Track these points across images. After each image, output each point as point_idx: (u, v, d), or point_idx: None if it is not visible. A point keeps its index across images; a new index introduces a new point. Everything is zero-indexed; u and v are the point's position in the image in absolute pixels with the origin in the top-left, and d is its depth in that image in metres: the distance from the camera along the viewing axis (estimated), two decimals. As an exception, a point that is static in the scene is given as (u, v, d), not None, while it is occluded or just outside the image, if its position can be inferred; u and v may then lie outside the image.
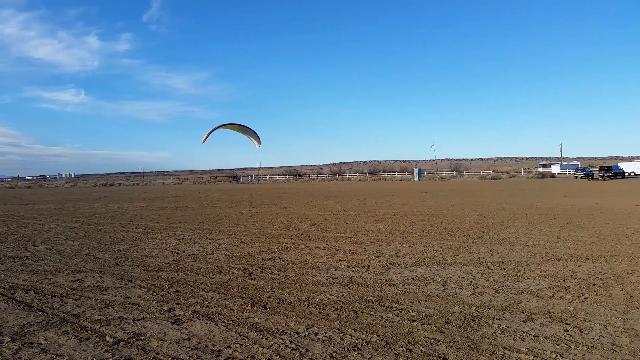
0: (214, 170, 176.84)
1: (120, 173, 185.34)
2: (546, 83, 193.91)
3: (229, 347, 4.44)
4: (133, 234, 13.24)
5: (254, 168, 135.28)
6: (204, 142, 30.95)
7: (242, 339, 4.62)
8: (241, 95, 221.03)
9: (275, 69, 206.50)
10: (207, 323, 5.14)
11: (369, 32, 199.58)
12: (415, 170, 77.53)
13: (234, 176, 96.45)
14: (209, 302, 5.95)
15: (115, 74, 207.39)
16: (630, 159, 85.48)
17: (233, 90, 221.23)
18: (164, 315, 5.47)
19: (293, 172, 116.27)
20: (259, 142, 32.41)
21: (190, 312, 5.57)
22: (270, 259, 8.93)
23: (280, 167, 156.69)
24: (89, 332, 4.96)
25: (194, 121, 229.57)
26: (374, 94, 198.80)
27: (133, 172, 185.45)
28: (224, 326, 5.01)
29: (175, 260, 8.96)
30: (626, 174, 61.46)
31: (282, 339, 4.59)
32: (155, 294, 6.50)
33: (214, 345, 4.48)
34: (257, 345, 4.44)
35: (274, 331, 4.81)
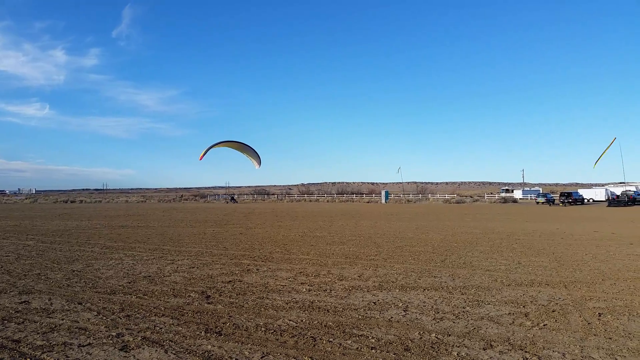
0: (180, 188, 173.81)
1: (83, 190, 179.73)
2: (509, 110, 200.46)
3: (177, 377, 4.21)
4: (89, 253, 12.71)
5: (222, 187, 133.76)
6: (201, 159, 29.90)
7: (193, 368, 4.39)
8: (210, 114, 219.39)
9: (245, 89, 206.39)
10: (156, 350, 4.88)
11: (339, 55, 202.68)
12: (383, 193, 78.26)
13: (231, 197, 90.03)
14: (161, 328, 5.68)
15: (82, 88, 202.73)
16: (590, 185, 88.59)
17: (202, 109, 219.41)
18: (111, 342, 5.18)
19: (261, 192, 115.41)
20: (259, 163, 31.45)
21: (139, 338, 5.29)
22: (230, 281, 8.68)
23: (249, 186, 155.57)
24: (29, 359, 4.63)
25: (161, 138, 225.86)
26: (344, 116, 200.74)
27: (96, 189, 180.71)
28: (174, 354, 4.76)
29: (129, 282, 8.60)
30: (585, 200, 63.54)
31: (235, 368, 4.38)
32: (104, 318, 6.18)
33: (161, 375, 4.24)
34: (207, 375, 4.22)
35: (226, 360, 4.60)
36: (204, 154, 29.43)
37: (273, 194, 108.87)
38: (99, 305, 6.84)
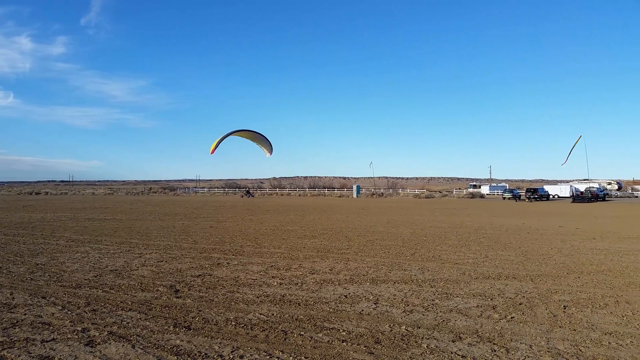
0: (148, 181, 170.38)
1: (48, 181, 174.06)
2: (477, 107, 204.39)
3: (145, 372, 4.12)
4: (54, 246, 12.35)
5: (192, 180, 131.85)
6: (212, 152, 28.21)
7: (161, 363, 4.31)
8: (180, 106, 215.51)
9: (217, 81, 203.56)
10: (123, 345, 4.77)
11: (312, 50, 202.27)
12: (354, 187, 78.55)
13: (247, 191, 79.75)
14: (128, 323, 5.55)
15: (48, 77, 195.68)
16: (555, 182, 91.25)
17: (171, 100, 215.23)
18: (76, 336, 5.04)
19: (233, 185, 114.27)
20: (271, 151, 30.47)
21: (106, 333, 5.16)
22: (199, 275, 8.56)
23: (220, 179, 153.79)
24: (-14, 357, 4.46)
25: (129, 130, 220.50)
26: (316, 110, 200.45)
27: (62, 181, 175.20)
28: (142, 349, 4.66)
29: (96, 276, 8.38)
30: (550, 196, 65.35)
31: (205, 363, 4.32)
32: (69, 312, 6.01)
33: (128, 371, 4.15)
34: (176, 370, 4.15)
35: (195, 354, 4.53)
36: (216, 147, 28.02)
37: (244, 187, 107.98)
38: (64, 300, 6.65)
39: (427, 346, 4.81)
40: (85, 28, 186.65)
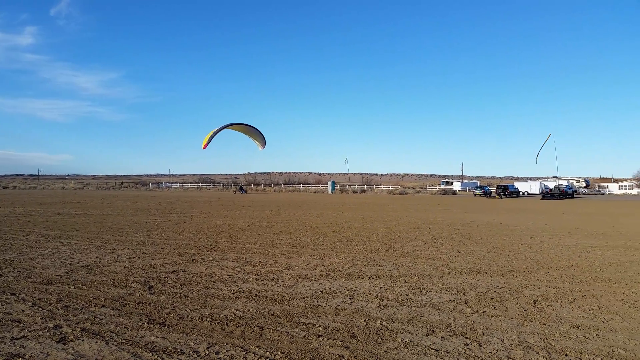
0: (120, 175, 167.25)
1: (16, 175, 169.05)
2: (450, 105, 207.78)
3: (119, 369, 4.09)
4: (23, 241, 12.04)
5: (165, 175, 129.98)
6: (205, 147, 27.04)
7: (135, 360, 4.27)
8: (152, 99, 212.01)
9: (189, 75, 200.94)
10: (97, 342, 4.70)
11: (286, 44, 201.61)
12: (329, 183, 78.79)
13: (240, 187, 76.70)
14: (101, 319, 5.47)
15: (16, 68, 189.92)
16: (525, 179, 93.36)
17: (143, 93, 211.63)
18: (48, 334, 4.94)
19: (207, 180, 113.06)
20: (264, 144, 29.86)
21: (79, 329, 5.08)
22: (174, 271, 8.48)
23: (194, 174, 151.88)
24: (-47, 356, 4.35)
25: (100, 123, 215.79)
26: (292, 106, 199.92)
27: (31, 175, 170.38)
28: (116, 346, 4.61)
29: (67, 272, 8.22)
30: (521, 193, 66.86)
31: (180, 359, 4.31)
32: (41, 309, 5.88)
33: (102, 368, 4.11)
34: (151, 367, 4.13)
35: (171, 351, 4.50)
36: (208, 142, 27.11)
37: (219, 183, 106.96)
38: (35, 296, 6.50)
39: (401, 340, 4.90)
40: (55, 19, 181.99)
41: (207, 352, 4.48)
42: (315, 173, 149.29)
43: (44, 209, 25.51)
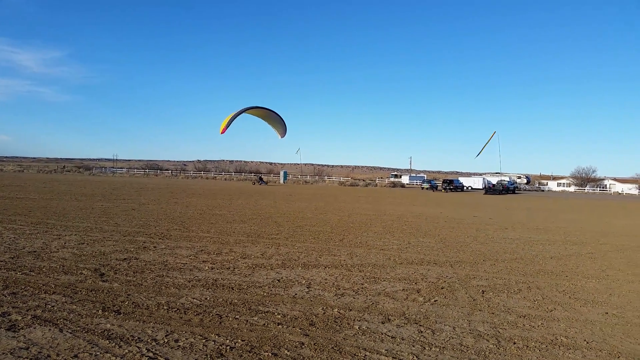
0: (61, 159, 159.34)
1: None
2: (400, 100, 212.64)
3: (75, 356, 3.97)
4: (-46, 226, 11.34)
5: (109, 159, 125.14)
6: (223, 132, 25.00)
7: (92, 348, 4.16)
8: (98, 80, 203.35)
9: (138, 55, 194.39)
10: (50, 330, 4.54)
11: (245, 32, 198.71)
12: (281, 173, 78.61)
13: (259, 177, 71.01)
14: (53, 306, 5.28)
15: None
16: (469, 174, 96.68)
17: (89, 74, 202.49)
18: (-6, 323, 4.73)
19: (154, 166, 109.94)
20: (284, 133, 27.90)
21: (29, 317, 4.88)
22: (125, 259, 8.26)
23: (140, 160, 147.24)
24: None
25: (42, 103, 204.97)
26: (244, 95, 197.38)
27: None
28: (70, 333, 4.47)
29: (12, 258, 7.83)
30: (465, 188, 69.35)
31: (138, 347, 4.23)
32: (-17, 297, 5.61)
33: (57, 355, 3.98)
34: (109, 354, 4.03)
35: (128, 338, 4.42)
36: (227, 126, 25.38)
37: (167, 170, 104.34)
38: (-25, 284, 6.19)
39: (358, 328, 5.04)
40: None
41: (166, 340, 4.43)
42: (267, 162, 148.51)
43: (-22, 192, 24.04)
